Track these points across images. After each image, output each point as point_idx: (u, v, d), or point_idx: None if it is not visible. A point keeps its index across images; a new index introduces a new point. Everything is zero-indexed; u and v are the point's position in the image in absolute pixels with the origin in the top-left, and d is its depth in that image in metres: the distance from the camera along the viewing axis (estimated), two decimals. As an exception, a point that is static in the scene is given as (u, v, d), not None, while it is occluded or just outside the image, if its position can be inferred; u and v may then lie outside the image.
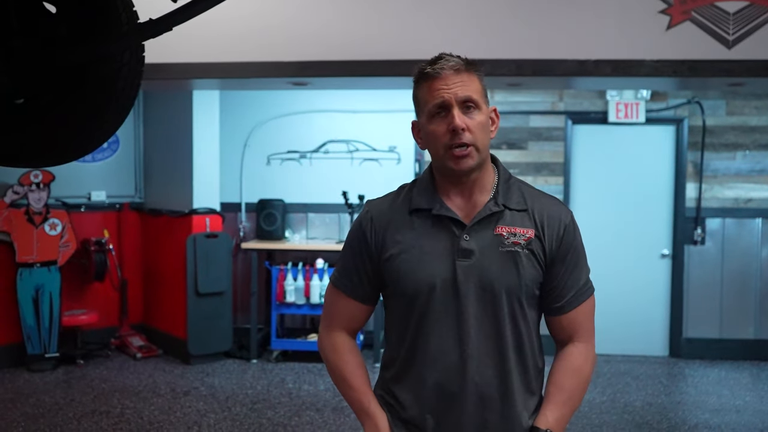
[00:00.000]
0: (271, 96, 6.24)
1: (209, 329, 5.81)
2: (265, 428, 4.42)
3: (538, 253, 1.62)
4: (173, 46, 2.99)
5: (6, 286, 5.61)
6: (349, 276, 1.72)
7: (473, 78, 1.61)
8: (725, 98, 5.94)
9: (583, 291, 1.68)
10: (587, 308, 1.69)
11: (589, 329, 1.70)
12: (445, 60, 1.61)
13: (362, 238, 1.69)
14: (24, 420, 4.48)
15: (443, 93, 1.58)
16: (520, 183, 1.71)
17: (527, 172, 6.08)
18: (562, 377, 1.66)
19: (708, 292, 6.01)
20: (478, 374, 1.60)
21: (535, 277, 1.62)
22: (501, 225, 1.62)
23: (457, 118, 1.57)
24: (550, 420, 1.63)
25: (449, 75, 1.59)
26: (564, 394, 1.65)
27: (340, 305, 1.74)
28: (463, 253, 1.60)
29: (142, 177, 6.45)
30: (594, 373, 5.72)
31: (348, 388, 1.72)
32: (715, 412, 4.77)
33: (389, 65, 3.83)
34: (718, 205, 5.99)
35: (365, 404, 1.69)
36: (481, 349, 1.60)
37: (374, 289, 1.72)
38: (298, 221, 6.33)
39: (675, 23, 3.71)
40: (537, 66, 3.79)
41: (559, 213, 1.67)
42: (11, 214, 5.58)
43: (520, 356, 1.63)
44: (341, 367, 1.72)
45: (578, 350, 1.68)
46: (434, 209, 1.64)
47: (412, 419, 1.66)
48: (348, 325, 1.75)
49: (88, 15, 1.71)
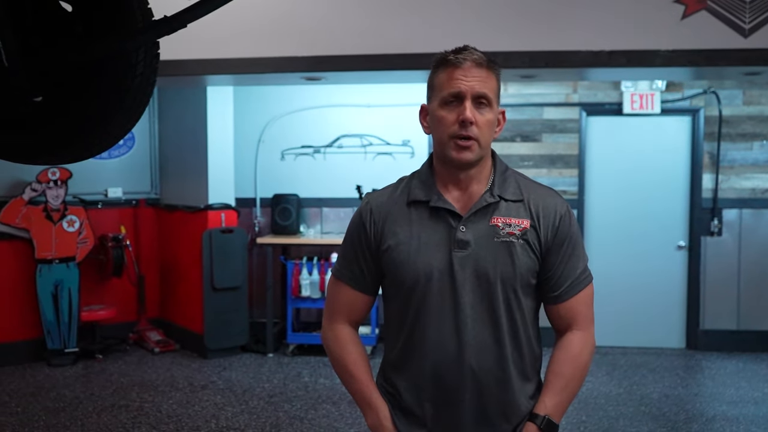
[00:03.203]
0: (284, 91, 6.26)
1: (225, 324, 5.86)
2: (282, 421, 4.45)
3: (534, 242, 1.65)
4: (187, 43, 3.01)
5: (25, 283, 5.68)
6: (350, 267, 1.75)
7: (492, 76, 1.64)
8: (742, 87, 5.87)
9: (581, 280, 1.70)
10: (585, 297, 1.72)
11: (587, 318, 1.72)
12: (469, 52, 1.64)
13: (361, 230, 1.73)
14: (45, 414, 4.55)
15: (461, 83, 1.61)
16: (517, 174, 1.74)
17: (541, 164, 6.06)
18: (561, 365, 1.70)
19: (725, 283, 5.96)
20: (475, 361, 1.63)
21: (530, 267, 1.65)
22: (496, 216, 1.65)
23: (469, 110, 1.60)
24: (549, 406, 1.67)
25: (470, 67, 1.62)
26: (562, 381, 1.68)
27: (342, 296, 1.78)
28: (459, 244, 1.63)
29: (157, 173, 6.50)
30: (610, 365, 5.68)
31: (350, 378, 1.76)
32: (733, 404, 4.75)
33: (402, 59, 3.82)
34: (735, 196, 5.94)
35: (367, 395, 1.73)
36: (478, 337, 1.63)
37: (374, 279, 1.75)
38: (313, 216, 6.35)
39: (690, 12, 3.67)
40: (550, 58, 3.77)
41: (555, 203, 1.69)
42: (30, 211, 5.64)
43: (516, 343, 1.67)
44: (344, 358, 1.76)
45: (576, 338, 1.71)
46: (431, 201, 1.67)
47: (411, 407, 1.71)
48: (350, 316, 1.78)
49: (104, 13, 1.72)
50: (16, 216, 5.59)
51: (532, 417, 1.67)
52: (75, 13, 1.76)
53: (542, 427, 1.66)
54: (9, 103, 1.77)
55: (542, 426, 1.66)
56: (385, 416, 1.71)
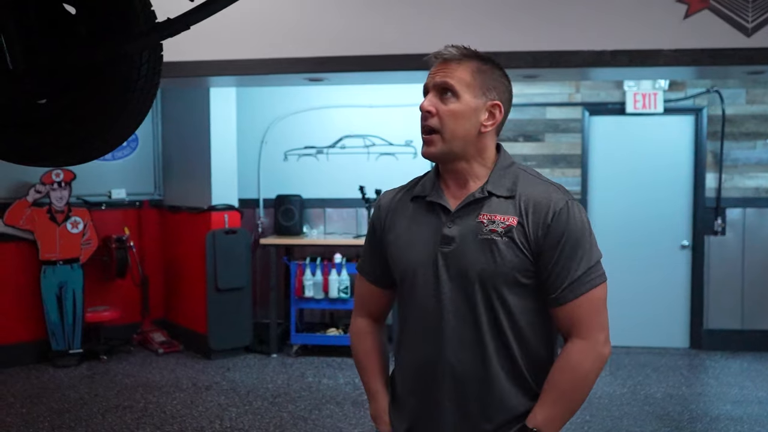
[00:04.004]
0: (287, 92, 6.27)
1: (229, 324, 5.87)
2: (286, 422, 4.45)
3: (520, 240, 1.56)
4: (190, 44, 3.02)
5: (30, 284, 5.70)
6: (368, 261, 1.81)
7: (463, 66, 1.61)
8: (745, 87, 5.87)
9: (583, 282, 1.57)
10: (588, 301, 1.57)
11: (591, 324, 1.58)
12: (445, 49, 1.64)
13: (373, 226, 1.79)
14: (50, 415, 4.56)
15: (429, 79, 1.64)
16: (521, 170, 1.66)
17: (544, 164, 6.06)
18: (556, 375, 1.59)
19: (729, 282, 5.95)
20: (454, 357, 1.61)
21: (516, 265, 1.56)
22: (484, 212, 1.60)
23: (426, 100, 1.61)
24: (539, 418, 1.58)
25: (438, 63, 1.64)
26: (555, 392, 1.58)
27: (363, 290, 1.84)
28: (444, 239, 1.63)
29: (161, 174, 6.51)
30: (614, 365, 5.64)
31: (360, 369, 1.82)
32: (737, 403, 4.74)
33: (405, 60, 3.83)
34: (739, 195, 5.93)
35: (372, 386, 1.79)
36: (458, 334, 1.61)
37: (387, 272, 1.77)
38: (316, 216, 6.35)
39: (693, 12, 3.67)
40: (553, 57, 3.77)
41: (549, 200, 1.58)
42: (34, 213, 5.66)
43: (502, 343, 1.59)
44: (357, 350, 1.83)
45: (576, 347, 1.58)
46: (429, 196, 1.68)
47: (399, 399, 1.74)
48: (369, 309, 1.83)
49: (107, 15, 1.73)
50: (20, 217, 5.61)
51: (522, 429, 1.60)
52: (79, 16, 1.77)
53: None
54: (14, 106, 1.78)
55: None
56: (383, 407, 1.76)
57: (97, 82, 1.75)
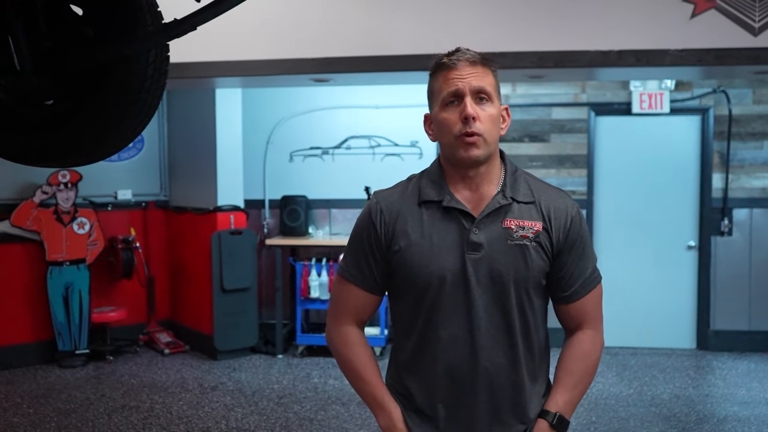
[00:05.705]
0: (292, 93, 6.27)
1: (235, 325, 5.87)
2: (292, 422, 4.46)
3: (546, 244, 1.66)
4: (196, 45, 3.02)
5: (37, 284, 5.72)
6: (358, 267, 1.73)
7: (488, 72, 1.65)
8: (751, 86, 5.84)
9: (591, 280, 1.73)
10: (594, 297, 1.74)
11: (596, 317, 1.75)
12: (461, 52, 1.65)
13: (371, 229, 1.71)
14: (56, 415, 4.57)
15: (458, 82, 1.62)
16: (527, 175, 1.74)
17: (550, 164, 6.05)
18: (571, 362, 1.72)
19: (736, 283, 5.93)
20: (489, 363, 1.64)
21: (542, 268, 1.66)
22: (509, 218, 1.65)
23: (470, 106, 1.61)
24: (560, 403, 1.69)
25: (464, 66, 1.63)
26: (573, 378, 1.71)
27: (350, 296, 1.75)
28: (472, 246, 1.63)
29: (167, 175, 6.53)
30: (620, 366, 5.64)
31: (360, 381, 1.74)
32: (744, 404, 4.72)
33: (410, 60, 3.82)
34: (746, 195, 5.90)
35: (379, 397, 1.72)
36: (491, 338, 1.64)
37: (383, 279, 1.74)
38: (321, 217, 6.36)
39: (699, 11, 3.66)
40: (559, 57, 3.76)
41: (566, 205, 1.70)
42: (40, 214, 5.68)
43: (528, 344, 1.68)
44: (353, 360, 1.75)
45: (587, 337, 1.73)
46: (444, 201, 1.67)
47: (424, 409, 1.70)
48: (357, 316, 1.77)
49: (114, 16, 1.73)
50: (27, 218, 5.63)
51: (543, 414, 1.68)
52: (86, 17, 1.77)
53: (554, 423, 1.67)
54: (20, 106, 1.79)
55: (554, 423, 1.67)
56: (398, 418, 1.70)
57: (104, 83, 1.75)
